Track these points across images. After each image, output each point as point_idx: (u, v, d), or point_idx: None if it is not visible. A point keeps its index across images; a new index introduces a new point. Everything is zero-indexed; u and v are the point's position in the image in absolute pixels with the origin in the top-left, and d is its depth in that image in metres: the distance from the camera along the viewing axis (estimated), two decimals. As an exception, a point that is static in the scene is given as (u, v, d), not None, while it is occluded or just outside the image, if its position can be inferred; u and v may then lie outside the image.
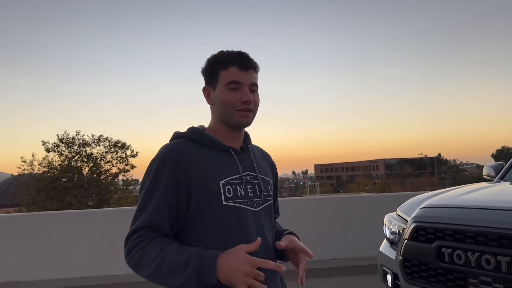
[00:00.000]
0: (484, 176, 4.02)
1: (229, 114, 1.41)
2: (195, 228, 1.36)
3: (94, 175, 25.10)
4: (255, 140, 1.62)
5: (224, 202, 1.34)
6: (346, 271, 6.78)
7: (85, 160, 25.22)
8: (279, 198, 1.69)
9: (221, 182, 1.35)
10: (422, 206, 2.73)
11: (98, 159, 25.35)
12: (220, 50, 1.45)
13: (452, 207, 2.59)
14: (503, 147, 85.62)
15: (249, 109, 1.41)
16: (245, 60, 1.41)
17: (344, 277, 6.71)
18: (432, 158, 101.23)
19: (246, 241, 1.30)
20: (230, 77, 1.40)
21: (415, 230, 2.57)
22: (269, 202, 1.48)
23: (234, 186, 1.38)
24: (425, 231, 2.51)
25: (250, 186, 1.42)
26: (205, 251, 1.24)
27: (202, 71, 1.46)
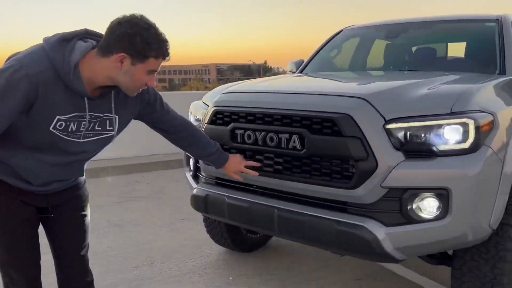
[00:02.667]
0: (287, 72, 4.35)
1: (129, 88, 1.59)
2: (20, 134, 1.55)
3: None
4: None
5: (50, 129, 1.54)
6: (165, 165, 6.97)
7: None
8: None
9: (58, 117, 1.53)
10: (223, 92, 2.81)
11: None
12: (151, 25, 1.53)
13: (247, 92, 2.74)
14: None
15: None
16: (169, 52, 1.57)
17: (162, 170, 6.91)
18: (259, 65, 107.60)
19: (57, 162, 1.65)
20: (154, 66, 1.56)
21: (214, 114, 2.65)
22: (106, 135, 1.70)
23: (68, 123, 1.56)
24: (222, 114, 2.62)
25: (85, 123, 1.60)
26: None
27: (129, 39, 1.48)
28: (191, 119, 3.20)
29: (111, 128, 1.70)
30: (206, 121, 2.71)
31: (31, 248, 1.77)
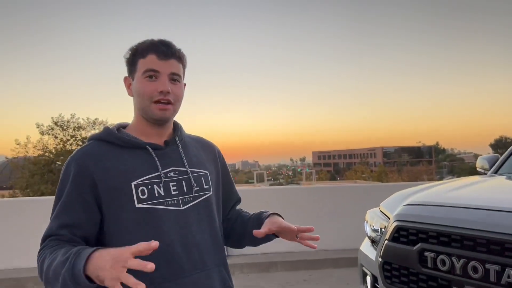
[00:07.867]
0: (477, 169, 3.76)
1: (146, 106, 1.31)
2: (108, 233, 1.27)
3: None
4: (257, 126, 1.55)
5: (137, 205, 1.24)
6: (334, 263, 6.58)
7: (80, 143, 25.01)
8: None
9: (133, 184, 1.26)
10: (405, 203, 2.47)
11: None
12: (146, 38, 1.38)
13: (437, 205, 2.32)
14: (501, 137, 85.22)
15: (167, 100, 1.30)
16: (165, 48, 1.31)
17: (331, 269, 6.52)
18: (430, 147, 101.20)
19: (162, 244, 1.21)
20: (147, 65, 1.30)
21: (397, 230, 2.31)
22: (205, 197, 1.38)
23: (150, 186, 1.27)
24: (407, 231, 2.26)
25: (175, 183, 1.32)
26: (86, 248, 1.10)
27: (125, 60, 1.36)
28: (367, 229, 2.90)
29: (207, 186, 1.40)
30: (387, 237, 2.38)
31: None
